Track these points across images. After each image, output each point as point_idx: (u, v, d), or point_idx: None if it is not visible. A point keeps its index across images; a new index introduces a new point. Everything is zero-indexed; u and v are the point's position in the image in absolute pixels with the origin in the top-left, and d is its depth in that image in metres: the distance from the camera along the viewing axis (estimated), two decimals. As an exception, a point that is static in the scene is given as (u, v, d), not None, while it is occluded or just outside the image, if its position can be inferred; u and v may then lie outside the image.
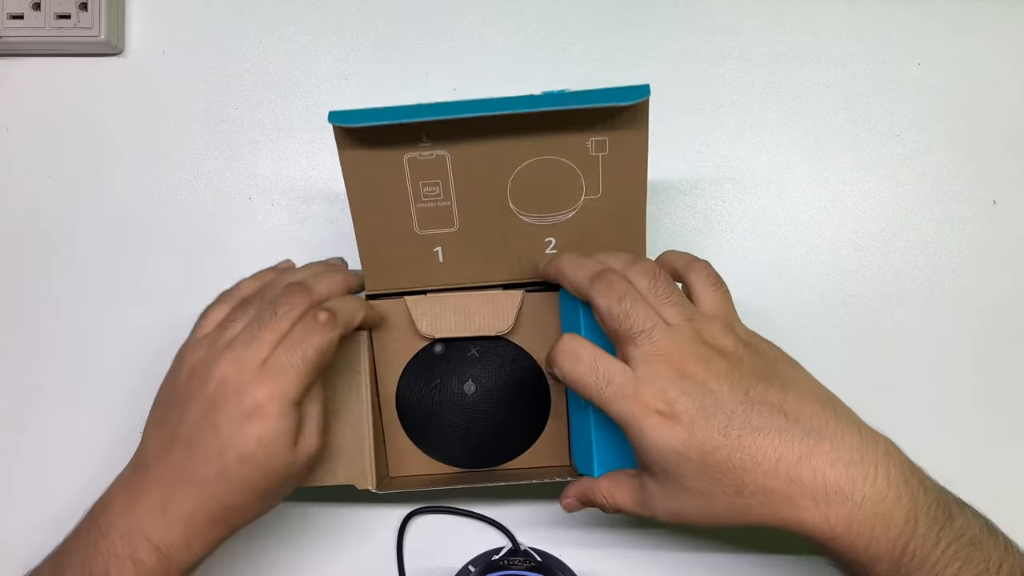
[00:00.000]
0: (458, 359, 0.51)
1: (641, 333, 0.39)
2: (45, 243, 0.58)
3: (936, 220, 0.58)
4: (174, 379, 0.44)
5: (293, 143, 0.59)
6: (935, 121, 0.58)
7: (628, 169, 0.45)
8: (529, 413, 0.51)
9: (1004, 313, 0.57)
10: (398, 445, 0.52)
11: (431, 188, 0.46)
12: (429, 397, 0.51)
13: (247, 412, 0.39)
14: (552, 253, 0.48)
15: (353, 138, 0.44)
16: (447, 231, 0.47)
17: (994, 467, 0.56)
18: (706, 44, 0.59)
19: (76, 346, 0.57)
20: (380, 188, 0.45)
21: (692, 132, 0.58)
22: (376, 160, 0.44)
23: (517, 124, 0.43)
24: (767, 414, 0.37)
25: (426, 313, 0.49)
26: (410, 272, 0.49)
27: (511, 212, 0.47)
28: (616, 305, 0.40)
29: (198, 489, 0.40)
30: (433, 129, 0.43)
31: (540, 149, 0.44)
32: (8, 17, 0.57)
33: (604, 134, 0.44)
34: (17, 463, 0.57)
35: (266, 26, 0.59)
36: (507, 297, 0.49)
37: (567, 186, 0.46)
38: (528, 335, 0.50)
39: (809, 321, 0.57)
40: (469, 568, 0.54)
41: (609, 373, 0.39)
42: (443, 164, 0.45)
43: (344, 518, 0.56)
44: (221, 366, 0.41)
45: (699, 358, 0.38)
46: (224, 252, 0.58)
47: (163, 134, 0.59)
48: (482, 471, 0.52)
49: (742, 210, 0.58)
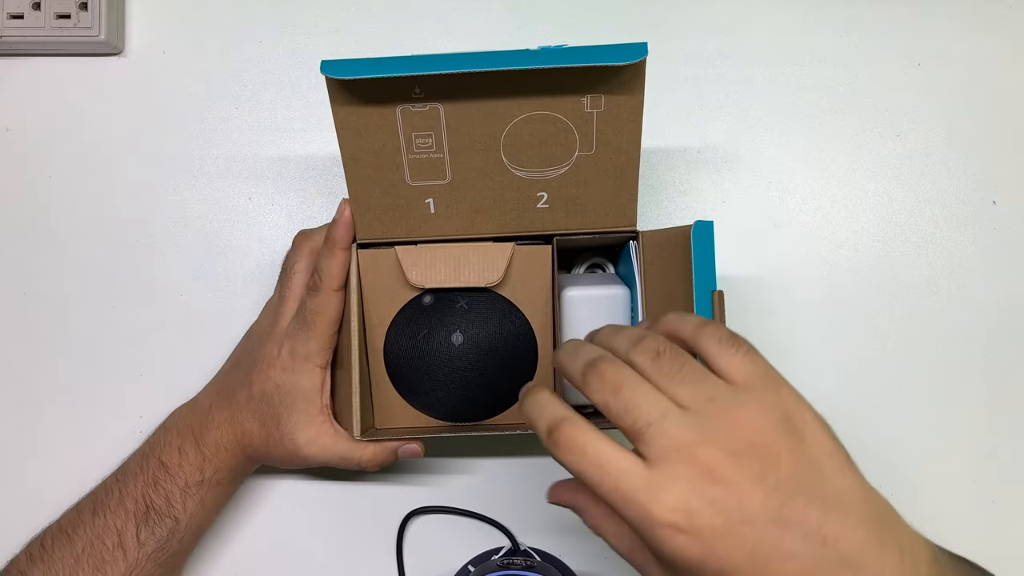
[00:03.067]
0: (447, 310, 0.51)
1: (649, 427, 0.32)
2: (45, 243, 0.58)
3: (936, 220, 0.58)
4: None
5: (293, 143, 0.59)
6: (935, 121, 0.58)
7: (623, 126, 0.45)
8: (515, 366, 0.51)
9: (1004, 313, 0.57)
10: (386, 399, 0.52)
11: (423, 140, 0.45)
12: (417, 347, 0.51)
13: (271, 360, 0.49)
14: (544, 207, 0.48)
15: (346, 90, 0.43)
16: (439, 183, 0.47)
17: (994, 467, 0.56)
18: (706, 44, 0.59)
19: (76, 346, 0.57)
20: (372, 138, 0.45)
21: (692, 132, 0.58)
22: (368, 111, 0.44)
23: (512, 81, 0.42)
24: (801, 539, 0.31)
25: (416, 263, 0.49)
26: (401, 222, 0.48)
27: (504, 166, 0.46)
28: (612, 399, 0.33)
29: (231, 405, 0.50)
30: (427, 82, 0.43)
31: (534, 105, 0.44)
32: (8, 17, 0.57)
33: (600, 92, 0.43)
34: (17, 463, 0.57)
35: (266, 26, 0.59)
36: (497, 249, 0.50)
37: (561, 141, 0.46)
38: (517, 288, 0.51)
39: (809, 321, 0.57)
40: (469, 568, 0.54)
41: (616, 474, 0.32)
42: (436, 116, 0.44)
43: (344, 518, 0.56)
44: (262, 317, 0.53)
45: (727, 453, 0.31)
46: (224, 252, 0.58)
47: (163, 134, 0.59)
48: (467, 425, 0.52)
49: (742, 210, 0.58)
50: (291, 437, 0.49)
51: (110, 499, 0.49)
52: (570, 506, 0.39)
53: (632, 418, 0.32)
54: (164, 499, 0.48)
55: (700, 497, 0.31)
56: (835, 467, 0.32)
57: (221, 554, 0.56)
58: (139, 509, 0.48)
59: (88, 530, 0.48)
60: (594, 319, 0.50)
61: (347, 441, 0.49)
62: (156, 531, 0.48)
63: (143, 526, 0.48)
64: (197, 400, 0.52)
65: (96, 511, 0.48)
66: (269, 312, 0.52)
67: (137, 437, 0.52)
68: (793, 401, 0.33)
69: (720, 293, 0.43)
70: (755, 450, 0.31)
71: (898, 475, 0.56)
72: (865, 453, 0.57)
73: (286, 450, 0.49)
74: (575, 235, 0.49)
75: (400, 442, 0.50)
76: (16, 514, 0.56)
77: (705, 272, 0.44)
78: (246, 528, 0.56)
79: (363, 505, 0.56)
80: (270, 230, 0.58)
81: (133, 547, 0.48)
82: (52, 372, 0.57)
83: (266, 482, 0.56)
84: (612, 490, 0.32)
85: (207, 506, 0.50)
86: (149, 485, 0.49)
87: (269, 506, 0.56)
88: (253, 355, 0.50)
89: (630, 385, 0.33)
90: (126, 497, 0.48)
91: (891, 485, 0.55)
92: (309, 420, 0.49)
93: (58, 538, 0.48)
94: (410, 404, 0.52)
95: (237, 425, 0.49)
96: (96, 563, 0.47)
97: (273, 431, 0.49)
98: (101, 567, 0.47)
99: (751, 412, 0.32)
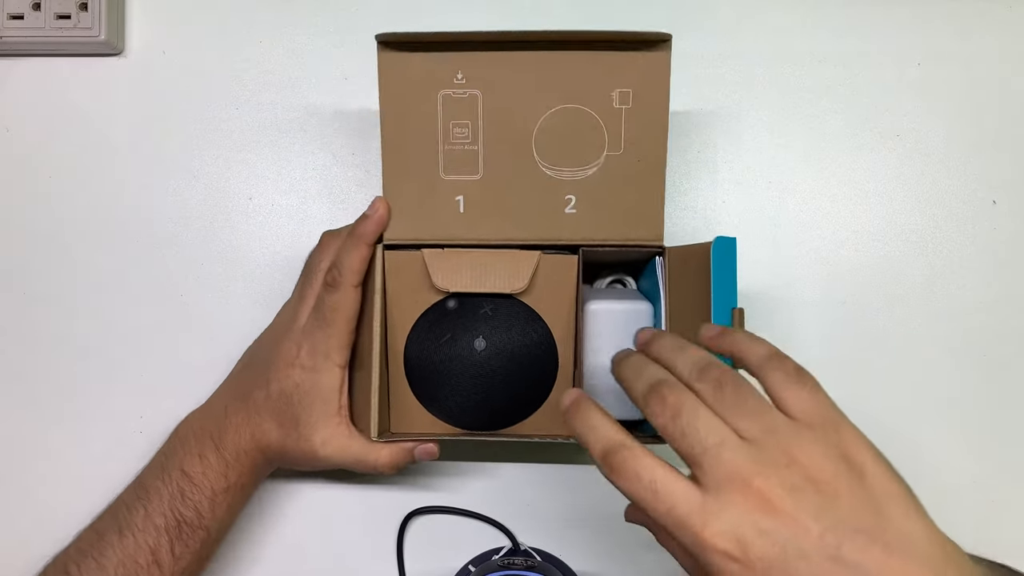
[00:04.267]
0: (471, 315, 0.51)
1: (705, 452, 0.32)
2: (45, 243, 0.58)
3: (936, 220, 0.58)
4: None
5: (293, 143, 0.59)
6: (935, 121, 0.58)
7: (649, 125, 0.47)
8: (535, 375, 0.51)
9: (1004, 313, 0.57)
10: (404, 404, 0.52)
11: (460, 129, 0.47)
12: (439, 351, 0.51)
13: (290, 359, 0.48)
14: (572, 212, 0.49)
15: (395, 66, 0.46)
16: (471, 178, 0.48)
17: (994, 467, 0.56)
18: (706, 44, 0.59)
19: (76, 346, 0.57)
20: (413, 125, 0.47)
21: (692, 132, 0.58)
22: (412, 93, 0.46)
23: (548, 60, 0.46)
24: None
25: (442, 267, 0.50)
26: (429, 221, 0.49)
27: (534, 162, 0.48)
28: (671, 424, 0.33)
29: (248, 407, 0.49)
30: (470, 65, 0.45)
31: (567, 96, 0.46)
32: (8, 17, 0.57)
33: (628, 86, 0.46)
34: (17, 463, 0.57)
35: (266, 26, 0.59)
36: (524, 257, 0.50)
37: (590, 139, 0.47)
38: (541, 297, 0.51)
39: (809, 321, 0.57)
40: (469, 568, 0.54)
41: (671, 498, 0.32)
42: (474, 104, 0.46)
43: (345, 518, 0.56)
44: (278, 317, 0.52)
45: (784, 486, 0.31)
46: (224, 252, 0.58)
47: (163, 134, 0.59)
48: (484, 433, 0.52)
49: (742, 210, 0.58)
50: (307, 438, 0.48)
51: (135, 518, 0.47)
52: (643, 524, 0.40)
53: (689, 443, 0.32)
54: (194, 511, 0.47)
55: (754, 527, 0.31)
56: (899, 510, 0.32)
57: (221, 554, 0.56)
58: (170, 524, 0.47)
59: (117, 551, 0.46)
60: (617, 333, 0.50)
61: (363, 443, 0.48)
62: (191, 544, 0.47)
63: (177, 541, 0.47)
64: (210, 404, 0.51)
65: (123, 532, 0.47)
66: (287, 312, 0.51)
67: (137, 437, 0.52)
68: (855, 441, 0.33)
69: (740, 311, 0.43)
70: (813, 486, 0.31)
71: (898, 475, 0.56)
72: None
73: (302, 451, 0.48)
74: (601, 247, 0.49)
75: (416, 443, 0.49)
76: (16, 514, 0.56)
77: (725, 289, 0.44)
78: (247, 528, 0.56)
79: (363, 505, 0.56)
80: (270, 230, 0.58)
81: (168, 562, 0.46)
82: (52, 372, 0.57)
83: (268, 483, 0.56)
84: (666, 514, 0.32)
85: (234, 511, 0.50)
86: (176, 498, 0.47)
87: (270, 506, 0.56)
88: (269, 355, 0.50)
89: (690, 410, 0.33)
90: (153, 514, 0.47)
91: (891, 485, 0.55)
92: (326, 421, 0.48)
93: (84, 564, 0.46)
94: (427, 409, 0.52)
95: (255, 426, 0.49)
96: None
97: (291, 431, 0.48)
98: None
99: (811, 448, 0.32)
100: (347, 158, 0.58)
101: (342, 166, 0.58)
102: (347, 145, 0.58)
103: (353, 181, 0.58)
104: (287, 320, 0.50)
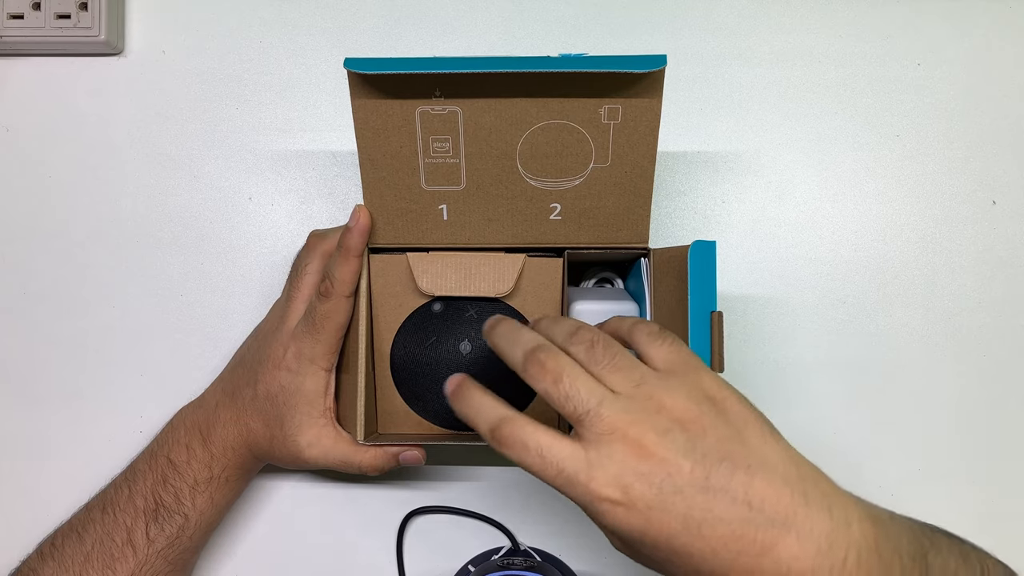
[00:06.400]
0: (456, 319, 0.51)
1: (587, 413, 0.35)
2: (45, 243, 0.58)
3: (936, 220, 0.58)
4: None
5: (293, 143, 0.59)
6: (935, 121, 0.58)
7: (639, 139, 0.45)
8: (520, 378, 0.51)
9: (1004, 313, 0.57)
10: (390, 405, 0.52)
11: (440, 144, 0.46)
12: (424, 354, 0.51)
13: (276, 361, 0.49)
14: (557, 219, 0.48)
15: (368, 86, 0.44)
16: (453, 189, 0.47)
17: (993, 467, 0.56)
18: (706, 44, 0.59)
19: (76, 345, 0.57)
20: (390, 139, 0.46)
21: (692, 132, 0.58)
22: (388, 111, 0.45)
23: (531, 85, 0.43)
24: (728, 504, 0.33)
25: (427, 270, 0.50)
26: (413, 227, 0.49)
27: (519, 175, 0.47)
28: (553, 388, 0.36)
29: (236, 404, 0.50)
30: (447, 83, 0.43)
31: (552, 113, 0.44)
32: (8, 17, 0.57)
33: (618, 102, 0.44)
34: (17, 462, 0.57)
35: (266, 26, 0.59)
36: (509, 260, 0.50)
37: (576, 152, 0.46)
38: (527, 300, 0.51)
39: (809, 321, 0.57)
40: (469, 568, 0.54)
41: (559, 461, 0.34)
42: (454, 120, 0.45)
43: (344, 518, 0.56)
44: (268, 316, 0.52)
45: (656, 430, 0.34)
46: (224, 252, 0.58)
47: (163, 134, 0.59)
48: (471, 434, 0.51)
49: (742, 210, 0.58)
50: (293, 439, 0.49)
51: (119, 497, 0.49)
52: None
53: (573, 406, 0.35)
54: (173, 496, 0.49)
55: (633, 471, 0.34)
56: (757, 435, 0.35)
57: (222, 553, 0.56)
58: (148, 506, 0.48)
59: (98, 527, 0.48)
60: None
61: (348, 445, 0.49)
62: (166, 528, 0.48)
63: (152, 523, 0.48)
64: (204, 398, 0.52)
65: (106, 509, 0.49)
66: (276, 312, 0.52)
67: (137, 436, 0.53)
68: (713, 382, 0.36)
69: (719, 314, 0.43)
70: (681, 426, 0.34)
71: (898, 475, 0.56)
72: (864, 452, 0.57)
73: (288, 451, 0.49)
74: (586, 249, 0.49)
75: (401, 448, 0.50)
76: (17, 513, 0.56)
77: (703, 292, 0.44)
78: (248, 527, 0.56)
79: (363, 505, 0.56)
80: (270, 230, 0.58)
81: (143, 544, 0.48)
82: (52, 372, 0.57)
83: (268, 482, 0.56)
84: (556, 476, 0.35)
85: (217, 503, 0.50)
86: (158, 483, 0.49)
87: (271, 505, 0.56)
88: (258, 355, 0.50)
89: (570, 374, 0.36)
90: (136, 495, 0.49)
91: (890, 484, 0.56)
92: (311, 423, 0.49)
93: (68, 536, 0.49)
94: (414, 410, 0.52)
95: (243, 424, 0.50)
96: (106, 560, 0.47)
97: (276, 432, 0.49)
98: (111, 564, 0.47)
99: (676, 393, 0.35)
100: (347, 158, 0.58)
101: (342, 166, 0.58)
102: (347, 145, 0.58)
103: (353, 181, 0.58)
104: (276, 321, 0.50)
